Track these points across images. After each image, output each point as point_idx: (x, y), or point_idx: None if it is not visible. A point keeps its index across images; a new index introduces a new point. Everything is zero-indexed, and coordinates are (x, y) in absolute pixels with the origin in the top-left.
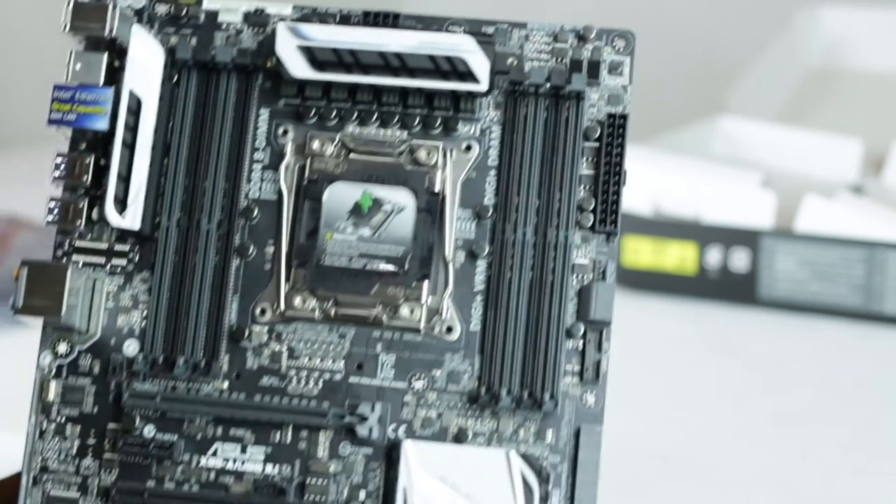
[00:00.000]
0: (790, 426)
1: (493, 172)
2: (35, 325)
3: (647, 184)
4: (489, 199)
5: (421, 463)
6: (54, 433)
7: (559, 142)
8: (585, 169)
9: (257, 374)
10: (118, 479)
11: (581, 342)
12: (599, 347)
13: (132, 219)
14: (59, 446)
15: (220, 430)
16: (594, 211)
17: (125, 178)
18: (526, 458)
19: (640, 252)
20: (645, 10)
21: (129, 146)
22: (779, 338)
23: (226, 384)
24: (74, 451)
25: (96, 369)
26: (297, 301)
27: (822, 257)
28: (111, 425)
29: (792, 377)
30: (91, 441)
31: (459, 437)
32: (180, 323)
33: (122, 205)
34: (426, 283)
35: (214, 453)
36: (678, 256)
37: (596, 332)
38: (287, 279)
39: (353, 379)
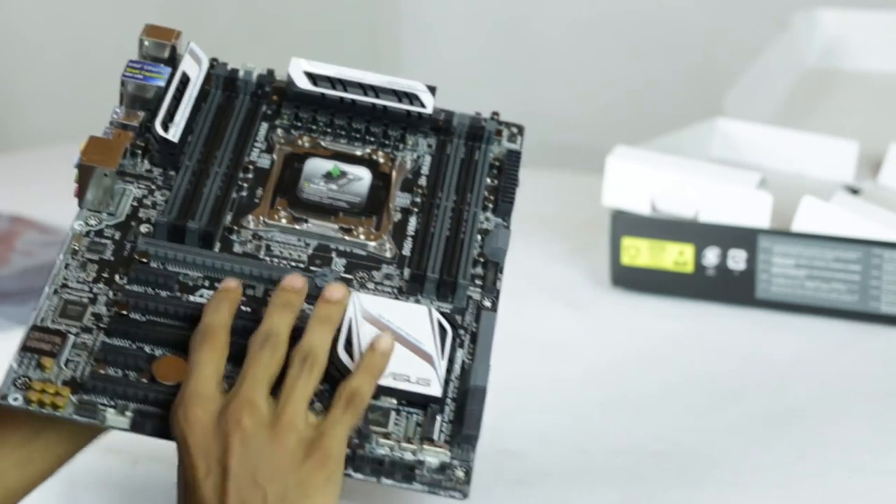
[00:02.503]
0: (787, 425)
1: (424, 178)
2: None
3: (645, 184)
4: (421, 184)
5: (363, 305)
6: (77, 267)
7: (472, 164)
8: (490, 182)
9: (241, 256)
10: (126, 284)
11: (483, 269)
12: (496, 273)
13: (173, 136)
14: (78, 275)
15: (206, 283)
16: (496, 201)
17: (171, 114)
18: (444, 314)
19: (639, 252)
20: (644, 12)
21: (177, 99)
22: (775, 337)
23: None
24: (90, 278)
25: (117, 237)
26: (278, 216)
27: (818, 257)
28: (122, 269)
29: (789, 376)
30: (105, 275)
31: None
32: (192, 207)
33: (166, 128)
34: (374, 219)
35: (201, 295)
36: (676, 256)
37: (494, 264)
38: (271, 206)
39: (312, 268)
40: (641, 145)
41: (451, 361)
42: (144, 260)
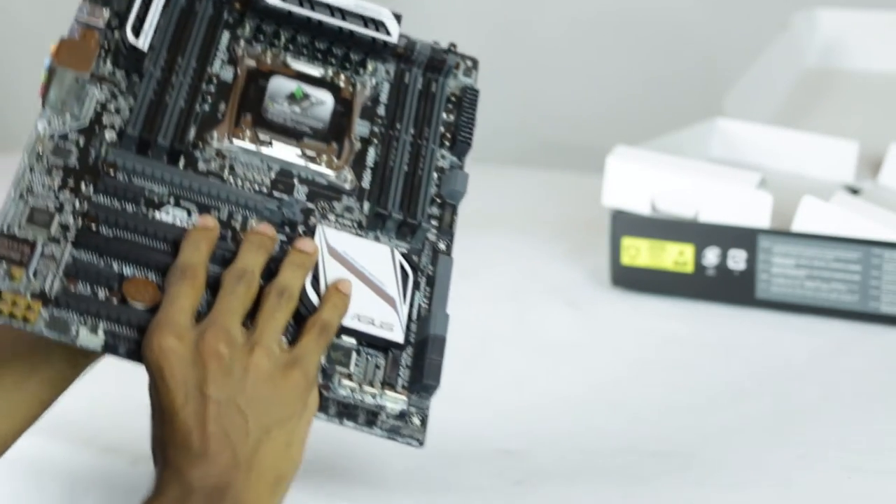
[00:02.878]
0: (787, 425)
1: (383, 107)
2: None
3: (645, 184)
4: (380, 114)
5: (329, 241)
6: (42, 172)
7: (429, 97)
8: (446, 117)
9: (205, 175)
10: (93, 194)
11: (439, 210)
12: (452, 216)
13: (143, 43)
14: (44, 180)
15: (172, 200)
16: (453, 138)
17: (141, 21)
18: (404, 255)
19: (639, 252)
20: (644, 11)
21: (146, 3)
22: (776, 337)
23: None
24: (56, 186)
25: (82, 143)
26: (242, 134)
27: (818, 257)
28: (88, 178)
29: (788, 376)
30: (71, 184)
31: None
32: (156, 119)
33: (136, 33)
34: (335, 146)
35: (167, 212)
36: (676, 256)
37: (451, 206)
38: (236, 123)
39: (275, 193)
40: (641, 145)
41: (410, 305)
42: (112, 172)
